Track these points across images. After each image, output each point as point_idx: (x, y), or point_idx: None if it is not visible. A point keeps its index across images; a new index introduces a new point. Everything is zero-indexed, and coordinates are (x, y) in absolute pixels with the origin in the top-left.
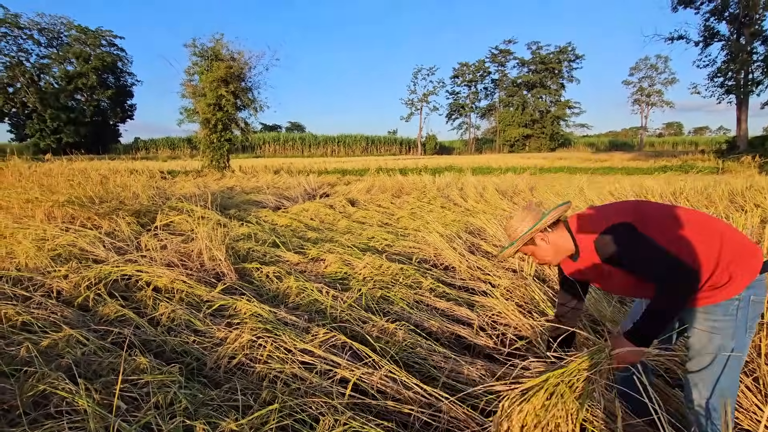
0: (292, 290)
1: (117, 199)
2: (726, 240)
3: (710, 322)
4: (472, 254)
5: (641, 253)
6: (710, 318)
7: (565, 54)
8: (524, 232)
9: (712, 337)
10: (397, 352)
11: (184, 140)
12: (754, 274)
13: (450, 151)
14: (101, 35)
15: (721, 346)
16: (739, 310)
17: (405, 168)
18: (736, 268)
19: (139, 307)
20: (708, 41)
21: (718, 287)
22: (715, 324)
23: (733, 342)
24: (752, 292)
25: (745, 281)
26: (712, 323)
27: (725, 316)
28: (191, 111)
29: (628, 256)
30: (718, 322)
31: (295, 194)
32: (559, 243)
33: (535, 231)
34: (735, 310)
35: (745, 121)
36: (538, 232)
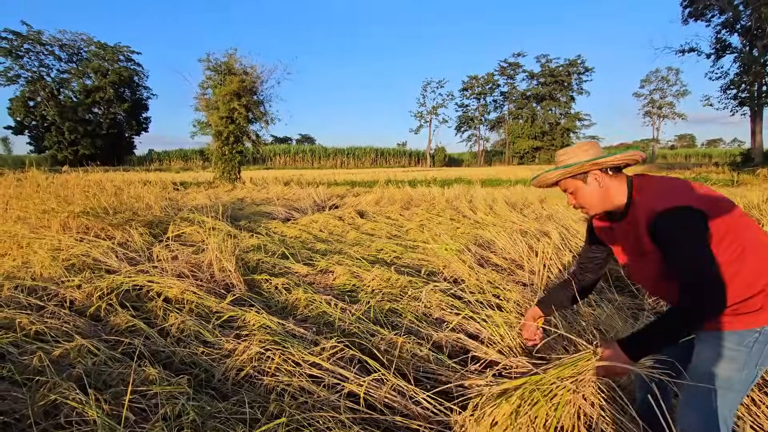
0: (300, 302)
1: (130, 210)
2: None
3: (721, 349)
4: (482, 267)
5: (689, 251)
6: (723, 344)
7: (574, 67)
8: (582, 160)
9: (719, 365)
10: (405, 366)
11: (197, 152)
12: None
13: (459, 163)
14: (119, 51)
15: (726, 377)
16: (756, 344)
17: (414, 180)
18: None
19: (149, 318)
20: (720, 53)
21: (741, 314)
22: (726, 352)
23: (741, 374)
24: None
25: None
26: (723, 350)
27: (739, 346)
28: (204, 124)
29: (675, 246)
30: (730, 351)
31: (305, 206)
32: (612, 192)
33: (596, 164)
34: (752, 342)
35: (760, 133)
36: (597, 168)
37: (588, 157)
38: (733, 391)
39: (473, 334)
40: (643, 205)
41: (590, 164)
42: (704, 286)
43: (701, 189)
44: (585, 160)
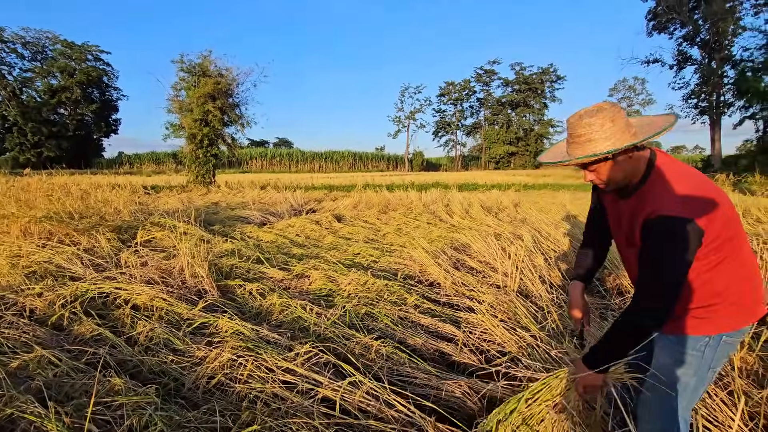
0: (275, 307)
1: (97, 215)
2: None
3: (677, 353)
4: (457, 270)
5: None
6: (679, 349)
7: (547, 75)
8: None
9: (675, 368)
10: (380, 370)
11: (170, 155)
12: (746, 323)
13: (437, 167)
14: (87, 50)
15: (681, 380)
16: (708, 348)
17: (392, 184)
18: (735, 310)
19: (116, 326)
20: (681, 65)
21: (700, 319)
22: (681, 357)
23: (694, 379)
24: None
25: (730, 326)
26: (679, 354)
27: (693, 350)
28: (177, 126)
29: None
30: (685, 355)
31: (281, 210)
32: (634, 167)
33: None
34: (704, 347)
35: (719, 140)
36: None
37: (632, 140)
38: (689, 393)
39: (448, 336)
40: (652, 197)
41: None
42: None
43: (713, 193)
44: (629, 144)
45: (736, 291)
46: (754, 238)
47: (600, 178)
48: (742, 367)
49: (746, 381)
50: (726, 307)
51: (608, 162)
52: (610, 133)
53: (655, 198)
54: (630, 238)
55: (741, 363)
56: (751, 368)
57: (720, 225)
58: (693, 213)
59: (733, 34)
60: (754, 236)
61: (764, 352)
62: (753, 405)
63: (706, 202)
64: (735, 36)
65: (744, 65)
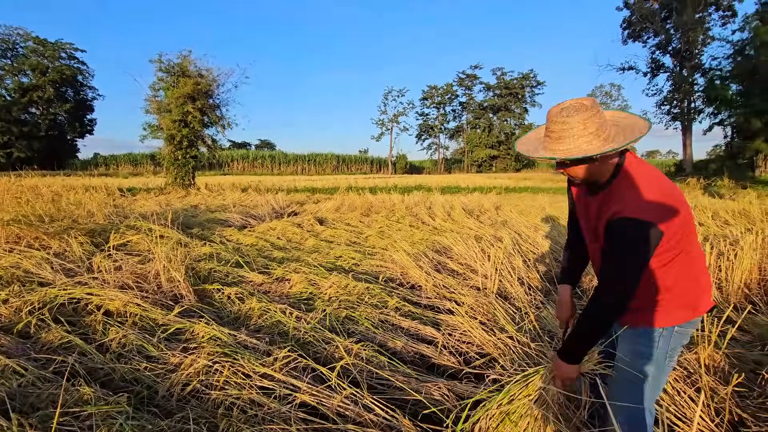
0: (254, 312)
1: (69, 218)
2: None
3: (636, 345)
4: (438, 272)
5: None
6: (637, 340)
7: (527, 80)
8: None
9: (635, 359)
10: (359, 374)
11: (148, 156)
12: (694, 315)
13: (420, 170)
14: (61, 48)
15: (642, 370)
16: (662, 339)
17: (375, 187)
18: (682, 303)
19: (87, 333)
20: (655, 72)
21: (653, 311)
22: (639, 348)
23: (653, 369)
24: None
25: (682, 318)
26: (637, 346)
27: (649, 341)
28: (155, 127)
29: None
30: (643, 346)
31: (263, 213)
32: (606, 169)
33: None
34: (658, 337)
35: (690, 146)
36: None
37: (610, 146)
38: (650, 383)
39: (428, 338)
40: (618, 197)
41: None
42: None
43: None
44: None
45: (686, 286)
46: (721, 240)
47: (572, 173)
48: (710, 364)
49: (713, 378)
50: (676, 301)
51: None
52: (588, 134)
53: (620, 199)
54: (595, 233)
55: (708, 360)
56: (718, 365)
57: (676, 226)
58: (654, 217)
59: (702, 43)
60: (722, 238)
61: (730, 350)
62: (719, 401)
63: (666, 207)
64: (704, 45)
65: (713, 74)
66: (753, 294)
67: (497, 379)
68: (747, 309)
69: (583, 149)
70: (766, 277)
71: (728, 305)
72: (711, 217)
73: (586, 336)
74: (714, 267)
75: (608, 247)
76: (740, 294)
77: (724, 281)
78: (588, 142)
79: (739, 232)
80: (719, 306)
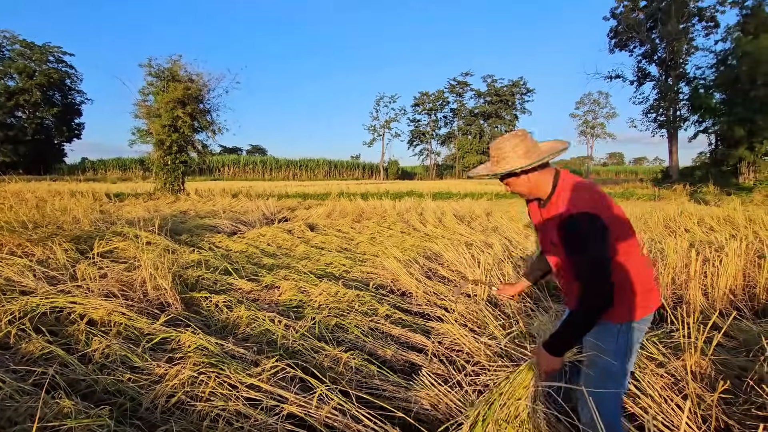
0: (242, 320)
1: (54, 224)
2: (642, 270)
3: (600, 338)
4: (429, 279)
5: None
6: (602, 334)
7: (517, 87)
8: (516, 167)
9: (599, 356)
10: (348, 383)
11: (136, 161)
12: (649, 310)
13: (411, 176)
14: (49, 51)
15: (605, 367)
16: (620, 334)
17: (367, 192)
18: (636, 300)
19: (69, 343)
20: (641, 81)
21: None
22: (602, 343)
23: (617, 363)
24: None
25: (637, 314)
26: (601, 339)
27: (611, 336)
28: (144, 132)
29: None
30: (604, 342)
31: (253, 219)
32: (539, 184)
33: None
34: (617, 332)
35: (676, 153)
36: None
37: (519, 164)
38: (615, 375)
39: (419, 346)
40: (563, 202)
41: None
42: (599, 285)
43: (607, 200)
44: (516, 167)
45: (636, 283)
46: (707, 246)
47: (513, 189)
48: (696, 371)
49: (699, 385)
50: (629, 298)
51: (512, 178)
52: (514, 156)
53: (565, 202)
54: (551, 242)
55: (695, 367)
56: (705, 372)
57: (617, 226)
58: (596, 211)
59: (686, 53)
60: (707, 244)
61: (716, 356)
62: (705, 408)
63: (604, 206)
64: (689, 55)
65: (697, 83)
66: (738, 300)
67: (486, 384)
68: (732, 315)
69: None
70: (750, 283)
71: (714, 311)
72: (697, 224)
73: (575, 332)
74: (700, 273)
75: (569, 248)
76: (726, 300)
77: (710, 287)
78: (514, 160)
79: (724, 239)
80: (705, 312)
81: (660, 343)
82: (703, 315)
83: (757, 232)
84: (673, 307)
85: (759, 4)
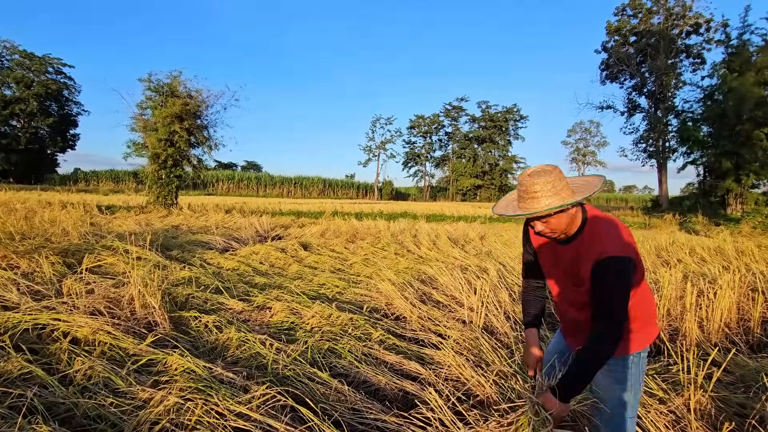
0: (232, 342)
1: (42, 236)
2: (650, 299)
3: (613, 374)
4: (424, 303)
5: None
6: (615, 368)
7: (511, 114)
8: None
9: (614, 388)
10: (341, 415)
11: (130, 174)
12: (651, 340)
13: (406, 197)
14: (48, 62)
15: (620, 398)
16: (633, 365)
17: (361, 212)
18: (644, 330)
19: (50, 363)
20: (631, 112)
21: (625, 341)
22: (616, 375)
23: (631, 395)
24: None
25: (645, 343)
26: (614, 374)
27: (624, 368)
28: (140, 145)
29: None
30: (618, 373)
31: (246, 236)
32: (575, 221)
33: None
34: (631, 364)
35: (665, 182)
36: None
37: (574, 199)
38: (629, 408)
39: (413, 374)
40: (597, 241)
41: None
42: (618, 328)
43: (631, 237)
44: (572, 202)
45: (644, 315)
46: (701, 278)
47: (550, 228)
48: (696, 408)
49: (701, 423)
50: (640, 329)
51: (557, 215)
52: (557, 190)
53: (600, 242)
54: (576, 279)
55: (695, 405)
56: (705, 409)
57: (638, 261)
58: (629, 253)
59: (675, 87)
60: (701, 276)
61: (715, 392)
62: None
63: (632, 245)
64: (677, 89)
65: (685, 116)
66: (733, 332)
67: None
68: (732, 351)
69: (553, 203)
70: (744, 317)
71: (710, 344)
72: (688, 254)
73: (587, 375)
74: (695, 306)
75: (600, 287)
76: (721, 333)
77: (705, 320)
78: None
79: (716, 271)
80: (701, 345)
81: (659, 377)
82: (699, 348)
83: (749, 264)
84: (670, 339)
85: (743, 44)
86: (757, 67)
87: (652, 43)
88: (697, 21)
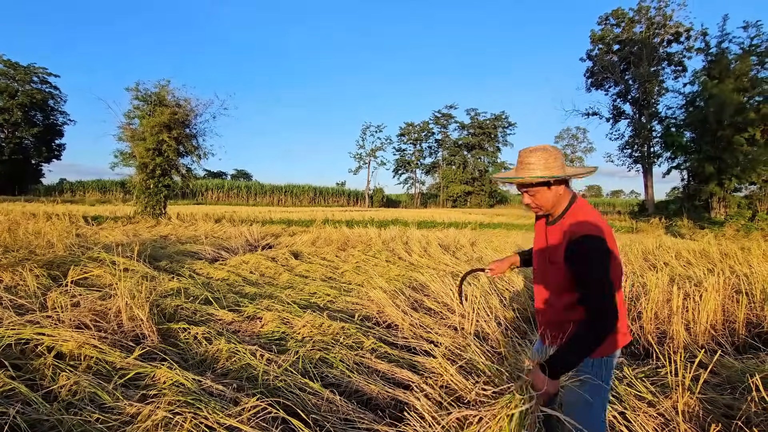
0: (222, 354)
1: (27, 248)
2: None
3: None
4: (415, 311)
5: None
6: (582, 371)
7: (500, 121)
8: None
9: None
10: (332, 426)
11: (117, 184)
12: (623, 343)
13: (396, 204)
14: (33, 72)
15: (586, 400)
16: (603, 365)
17: (352, 220)
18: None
19: (34, 379)
20: (616, 118)
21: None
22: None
23: (598, 398)
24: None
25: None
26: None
27: (593, 369)
28: (127, 155)
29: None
30: (590, 374)
31: (236, 245)
32: (561, 200)
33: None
34: (601, 364)
35: (651, 187)
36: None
37: (563, 173)
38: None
39: (405, 383)
40: (576, 222)
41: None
42: (609, 309)
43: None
44: (555, 176)
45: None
46: (686, 281)
47: (536, 201)
48: (685, 410)
49: (689, 425)
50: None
51: (543, 188)
52: (549, 165)
53: (579, 224)
54: (551, 256)
55: (684, 407)
56: (693, 411)
57: (618, 260)
58: (606, 237)
59: (658, 93)
60: (686, 278)
61: (702, 394)
62: None
63: (612, 237)
64: (660, 95)
65: (668, 122)
66: (719, 334)
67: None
68: (718, 353)
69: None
70: (729, 318)
71: (696, 346)
72: (674, 257)
73: (580, 354)
74: (682, 308)
75: (577, 268)
76: (707, 335)
77: (692, 322)
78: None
79: (702, 273)
80: (688, 347)
81: (648, 380)
82: (687, 351)
83: (733, 266)
84: (658, 342)
85: (722, 52)
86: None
87: (635, 51)
88: (678, 30)
